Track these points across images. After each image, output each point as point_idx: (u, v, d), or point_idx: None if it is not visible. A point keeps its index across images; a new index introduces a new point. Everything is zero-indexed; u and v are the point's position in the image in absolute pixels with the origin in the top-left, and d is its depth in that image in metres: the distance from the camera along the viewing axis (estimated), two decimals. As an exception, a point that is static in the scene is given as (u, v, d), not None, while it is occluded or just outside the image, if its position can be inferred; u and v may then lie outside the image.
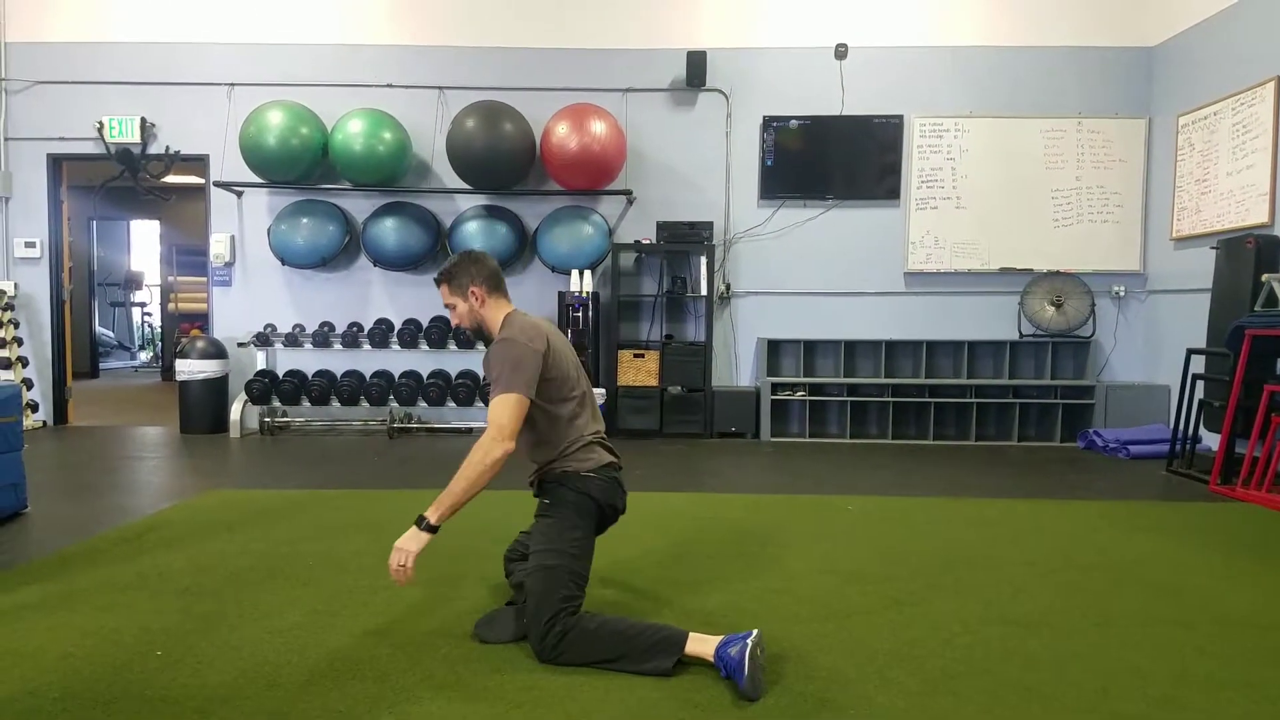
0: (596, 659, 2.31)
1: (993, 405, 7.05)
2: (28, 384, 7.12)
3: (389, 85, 7.16)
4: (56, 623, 2.65)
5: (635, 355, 6.90)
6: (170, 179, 7.57)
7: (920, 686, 2.25)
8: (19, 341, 7.19)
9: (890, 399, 6.99)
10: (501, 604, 2.76)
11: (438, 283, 2.66)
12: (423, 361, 7.22)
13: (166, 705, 2.10)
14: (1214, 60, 6.42)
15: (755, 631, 2.25)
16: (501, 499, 4.53)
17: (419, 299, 7.30)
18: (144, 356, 14.94)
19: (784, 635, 2.54)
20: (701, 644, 2.30)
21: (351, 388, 6.91)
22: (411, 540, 2.32)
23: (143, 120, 7.18)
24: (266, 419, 6.97)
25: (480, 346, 6.94)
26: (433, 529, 2.34)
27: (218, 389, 6.98)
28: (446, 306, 2.66)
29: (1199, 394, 5.61)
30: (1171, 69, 6.92)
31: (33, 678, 2.25)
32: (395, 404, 6.94)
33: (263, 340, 7.05)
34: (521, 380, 2.39)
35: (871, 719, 2.07)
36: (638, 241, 7.01)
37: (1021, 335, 7.16)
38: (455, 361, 7.23)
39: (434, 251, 7.11)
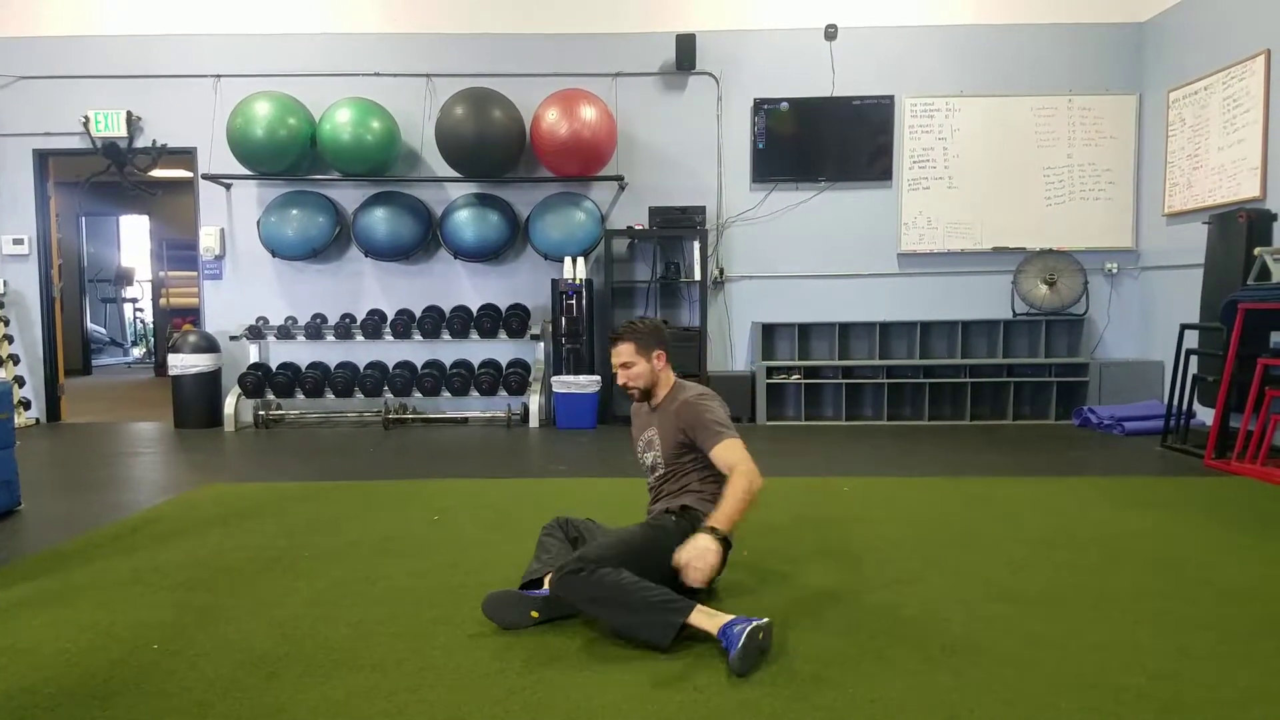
0: (597, 595, 2.37)
1: (987, 385, 7.05)
2: (19, 381, 7.08)
3: (376, 74, 7.11)
4: (52, 619, 2.63)
5: (629, 341, 6.86)
6: (158, 172, 7.52)
7: (920, 665, 2.25)
8: (9, 339, 7.16)
9: (885, 380, 6.99)
10: (508, 585, 2.74)
11: (619, 339, 2.84)
12: (416, 352, 7.19)
13: (164, 699, 2.09)
14: (1203, 35, 6.40)
15: (767, 619, 2.29)
16: (505, 487, 4.54)
17: (411, 289, 7.27)
18: (136, 352, 14.88)
19: (782, 615, 2.53)
20: (708, 618, 2.32)
21: (345, 379, 6.89)
22: (712, 548, 2.40)
23: (128, 114, 7.12)
24: (260, 412, 6.94)
25: (475, 337, 6.94)
26: (726, 542, 2.50)
27: (211, 383, 6.95)
28: (621, 366, 2.85)
29: (1193, 369, 5.62)
30: (1161, 44, 6.89)
31: (28, 674, 2.23)
32: (390, 395, 6.93)
33: (255, 333, 7.02)
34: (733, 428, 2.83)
35: (872, 698, 2.07)
36: (630, 227, 6.97)
37: (1015, 314, 7.16)
38: (449, 351, 7.20)
39: (425, 241, 7.08)
